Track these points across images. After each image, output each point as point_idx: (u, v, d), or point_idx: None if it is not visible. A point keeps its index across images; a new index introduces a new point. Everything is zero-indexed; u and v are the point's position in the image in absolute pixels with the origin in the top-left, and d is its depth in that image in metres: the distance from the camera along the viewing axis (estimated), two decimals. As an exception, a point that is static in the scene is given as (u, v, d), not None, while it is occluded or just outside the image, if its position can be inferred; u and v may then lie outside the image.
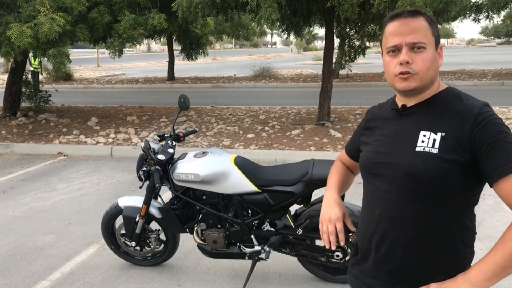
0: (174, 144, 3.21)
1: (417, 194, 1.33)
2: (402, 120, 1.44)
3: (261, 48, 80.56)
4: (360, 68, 19.91)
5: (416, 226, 1.35)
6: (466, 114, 1.31)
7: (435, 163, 1.29)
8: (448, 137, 1.31)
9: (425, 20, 1.35)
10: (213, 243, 3.14)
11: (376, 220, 1.43)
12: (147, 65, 36.95)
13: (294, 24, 9.06)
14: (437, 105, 1.39)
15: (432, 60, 1.35)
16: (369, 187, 1.50)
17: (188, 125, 9.09)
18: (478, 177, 1.31)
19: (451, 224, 1.34)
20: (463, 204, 1.35)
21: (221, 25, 18.16)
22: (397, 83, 1.37)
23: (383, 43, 1.42)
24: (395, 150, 1.40)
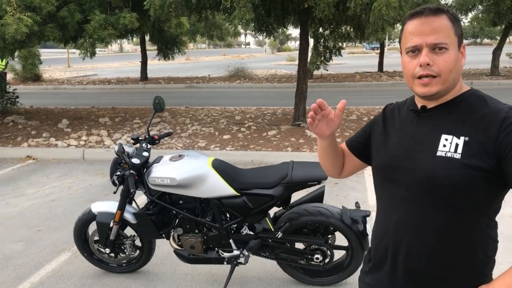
0: (149, 147, 3.12)
1: (437, 201, 1.26)
2: (421, 122, 1.35)
3: (235, 48, 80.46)
4: (333, 68, 20.07)
5: (435, 235, 1.28)
6: (492, 118, 1.23)
7: (457, 169, 1.21)
8: (472, 142, 1.23)
9: (447, 19, 1.26)
10: (190, 249, 3.06)
11: (393, 228, 1.36)
12: (120, 66, 36.30)
13: (268, 24, 9.02)
14: (460, 107, 1.30)
15: (455, 61, 1.26)
16: (384, 192, 1.42)
17: (162, 127, 8.94)
18: (502, 184, 1.24)
19: (472, 233, 1.27)
20: (485, 212, 1.28)
21: (195, 25, 18.00)
22: (417, 87, 1.29)
23: (403, 42, 1.32)
24: (414, 154, 1.31)
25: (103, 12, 7.98)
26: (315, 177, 2.82)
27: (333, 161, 1.63)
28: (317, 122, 1.45)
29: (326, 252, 3.03)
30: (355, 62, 31.46)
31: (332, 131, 1.48)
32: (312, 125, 1.46)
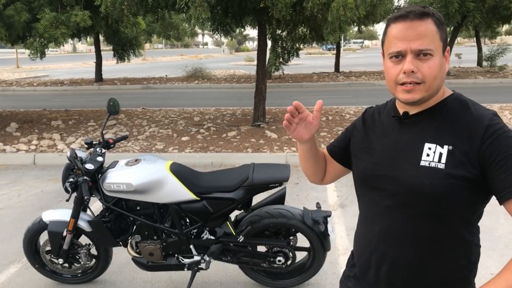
0: (104, 151, 2.99)
1: (421, 212, 1.23)
2: (404, 129, 1.31)
3: (192, 48, 79.74)
4: (291, 69, 20.24)
5: (420, 245, 1.26)
6: (475, 125, 1.20)
7: (441, 179, 1.19)
8: (456, 151, 1.20)
9: (433, 23, 1.21)
10: (149, 256, 2.96)
11: (377, 238, 1.33)
12: (73, 66, 35.16)
13: (225, 24, 8.95)
14: (443, 114, 1.27)
15: (440, 67, 1.22)
16: (367, 200, 1.39)
17: (118, 129, 8.68)
18: (485, 192, 1.22)
19: (456, 242, 1.26)
20: (469, 220, 1.26)
21: (151, 25, 17.65)
22: (400, 93, 1.25)
23: (386, 46, 1.27)
24: (397, 163, 1.28)
25: (54, 10, 7.66)
26: (277, 179, 2.79)
27: (314, 167, 1.58)
28: (295, 126, 1.39)
29: (288, 254, 3.01)
30: (312, 63, 31.91)
31: (311, 134, 1.42)
32: (289, 129, 1.39)
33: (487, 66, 19.66)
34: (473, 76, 17.06)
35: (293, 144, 7.13)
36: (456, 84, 15.62)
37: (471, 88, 14.63)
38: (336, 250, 3.70)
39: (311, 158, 1.54)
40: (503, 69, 18.43)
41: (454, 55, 19.44)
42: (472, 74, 17.98)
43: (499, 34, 30.29)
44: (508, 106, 10.14)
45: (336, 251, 3.69)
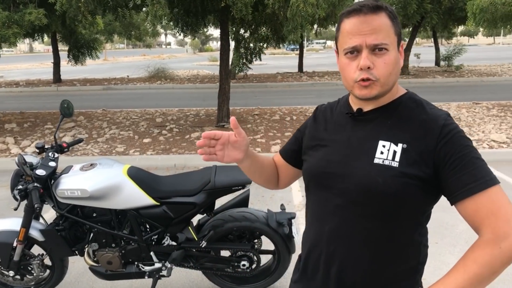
0: (57, 156, 2.82)
1: (372, 211, 1.20)
2: (357, 126, 1.28)
3: (155, 48, 78.55)
4: (255, 69, 20.24)
5: (370, 245, 1.22)
6: (430, 125, 1.18)
7: (395, 178, 1.16)
8: (410, 150, 1.17)
9: (387, 17, 1.19)
10: (107, 264, 2.82)
11: (326, 238, 1.28)
12: (30, 67, 33.97)
13: (187, 24, 8.81)
14: (398, 112, 1.24)
15: (395, 62, 1.20)
16: (316, 199, 1.33)
17: (77, 132, 8.38)
18: (436, 193, 1.20)
19: (406, 243, 1.23)
20: (419, 221, 1.24)
21: (111, 24, 17.21)
22: (356, 90, 1.21)
23: (340, 42, 1.24)
24: (350, 160, 1.24)
25: (6, 9, 7.30)
26: (239, 182, 2.71)
27: (264, 176, 1.52)
28: (221, 153, 1.29)
29: (252, 258, 2.94)
30: (276, 63, 32.03)
31: (244, 151, 1.33)
32: (215, 159, 1.29)
33: (445, 65, 20.31)
34: (431, 76, 17.56)
35: (258, 145, 7.08)
36: (415, 83, 16.03)
37: (430, 87, 15.05)
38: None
39: (256, 170, 1.47)
40: (460, 69, 19.07)
41: (413, 55, 19.95)
42: (431, 73, 18.51)
43: (455, 35, 31.39)
44: (464, 105, 10.46)
45: (301, 253, 3.65)
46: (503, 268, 1.10)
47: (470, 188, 1.12)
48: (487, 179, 1.12)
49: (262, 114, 9.88)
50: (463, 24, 20.22)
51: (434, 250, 3.63)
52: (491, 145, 6.75)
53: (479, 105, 10.35)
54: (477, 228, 1.14)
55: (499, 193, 1.12)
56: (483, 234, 1.12)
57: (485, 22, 11.67)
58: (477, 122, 8.41)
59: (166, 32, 65.01)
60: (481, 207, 1.11)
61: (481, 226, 1.12)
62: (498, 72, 18.78)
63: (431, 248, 3.64)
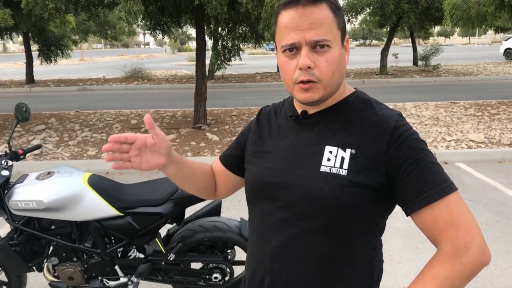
0: (11, 164, 2.60)
1: (320, 225, 1.06)
2: (302, 130, 1.15)
3: (133, 48, 77.60)
4: (234, 69, 20.04)
5: (319, 263, 1.08)
6: (380, 127, 1.06)
7: (343, 187, 1.03)
8: (359, 155, 1.05)
9: (328, 8, 1.05)
10: (68, 280, 2.62)
11: (270, 256, 1.14)
12: (3, 67, 33.08)
13: (162, 23, 8.58)
14: (345, 114, 1.12)
15: (338, 61, 1.07)
16: (259, 212, 1.18)
17: (47, 134, 8.06)
18: (390, 203, 1.09)
19: (360, 259, 1.10)
20: (372, 234, 1.12)
21: (85, 23, 16.81)
22: (297, 93, 1.08)
23: (277, 37, 1.10)
24: (294, 168, 1.11)
25: (-31, 7, 6.95)
26: (209, 190, 2.54)
27: (196, 185, 1.34)
28: (137, 159, 1.09)
29: (225, 270, 2.77)
30: (255, 63, 31.89)
31: (166, 155, 1.14)
32: (129, 166, 1.09)
33: (422, 65, 20.48)
34: (409, 75, 17.66)
35: (235, 147, 6.91)
36: (394, 83, 16.09)
37: (408, 86, 15.12)
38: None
39: (186, 178, 1.29)
40: (437, 68, 19.25)
41: (391, 54, 20.07)
42: (409, 73, 18.62)
43: (431, 35, 31.80)
44: (442, 104, 10.49)
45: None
46: (464, 284, 0.99)
47: (427, 196, 1.01)
48: (444, 186, 1.02)
49: (240, 115, 9.72)
50: (439, 24, 20.44)
51: (415, 256, 3.52)
52: (469, 145, 6.72)
53: (457, 104, 10.39)
54: (435, 240, 1.03)
55: (457, 201, 1.02)
56: (442, 247, 1.01)
57: (460, 21, 11.76)
58: (455, 121, 8.41)
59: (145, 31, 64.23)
60: (439, 218, 1.01)
61: (440, 238, 1.02)
62: (474, 71, 19.03)
63: (412, 254, 3.56)
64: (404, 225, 4.03)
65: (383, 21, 17.10)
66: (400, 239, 3.79)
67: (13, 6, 7.16)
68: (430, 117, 8.91)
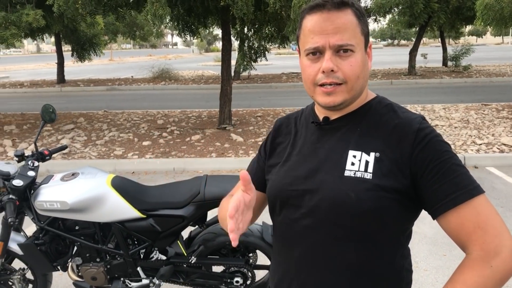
0: (37, 165, 2.64)
1: (346, 231, 1.04)
2: (324, 136, 1.14)
3: (161, 48, 78.65)
4: (260, 69, 20.04)
5: (345, 272, 1.06)
6: (404, 130, 1.05)
7: (369, 191, 1.01)
8: (384, 159, 1.04)
9: (353, 14, 1.05)
10: (92, 280, 2.64)
11: (295, 265, 1.12)
12: (36, 67, 34.04)
13: (189, 24, 8.64)
14: (368, 118, 1.11)
15: (362, 65, 1.06)
16: (282, 220, 1.16)
17: (76, 134, 8.23)
18: (416, 208, 1.06)
19: (386, 267, 1.07)
20: (399, 241, 1.09)
21: (114, 24, 17.11)
22: (319, 96, 1.08)
23: (301, 41, 1.10)
24: (318, 174, 1.09)
25: (3, 9, 7.17)
26: (231, 193, 2.52)
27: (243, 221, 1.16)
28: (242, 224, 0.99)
29: (246, 274, 2.74)
30: (282, 63, 31.81)
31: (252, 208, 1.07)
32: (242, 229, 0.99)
33: (452, 66, 19.99)
34: (438, 76, 17.27)
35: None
36: (422, 84, 15.76)
37: (437, 87, 14.78)
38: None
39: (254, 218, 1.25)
40: (468, 69, 18.76)
41: (420, 55, 19.67)
42: (438, 74, 18.21)
43: (462, 34, 31.01)
44: (473, 106, 10.20)
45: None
46: None
47: (452, 198, 0.99)
48: (471, 188, 0.99)
49: (265, 116, 9.69)
50: (471, 23, 19.90)
51: (442, 263, 3.42)
52: (501, 148, 6.50)
53: (488, 106, 10.08)
54: (463, 244, 1.01)
55: (485, 203, 1.00)
56: (471, 251, 0.98)
57: (493, 21, 11.39)
58: (486, 124, 8.15)
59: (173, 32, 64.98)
60: (466, 220, 0.98)
61: (468, 242, 0.99)
62: (508, 72, 18.44)
63: (439, 261, 3.45)
64: (431, 231, 3.92)
65: (412, 21, 16.76)
66: (427, 246, 3.69)
67: (44, 7, 7.35)
68: (459, 119, 8.67)
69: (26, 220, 2.85)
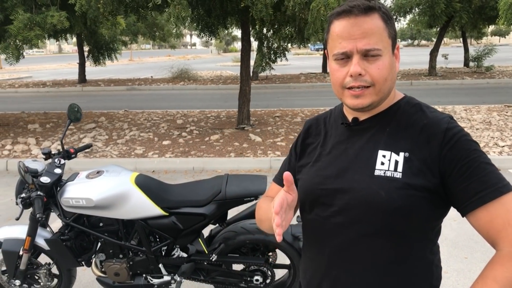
0: (63, 162, 2.71)
1: (377, 229, 1.07)
2: (354, 136, 1.17)
3: (180, 49, 79.24)
4: (278, 69, 20.06)
5: (376, 268, 1.09)
6: (433, 129, 1.07)
7: (399, 190, 1.04)
8: (413, 158, 1.06)
9: (380, 18, 1.07)
10: (114, 276, 2.70)
11: (326, 262, 1.15)
12: (58, 67, 34.66)
13: (209, 25, 8.70)
14: (397, 118, 1.13)
15: (389, 68, 1.08)
16: (313, 219, 1.19)
17: (97, 133, 8.37)
18: (445, 205, 1.09)
19: (417, 263, 1.10)
20: (428, 237, 1.11)
21: (135, 25, 17.32)
22: (348, 99, 1.11)
23: (330, 45, 1.12)
24: (348, 173, 1.12)
25: (28, 10, 7.33)
26: (252, 192, 2.55)
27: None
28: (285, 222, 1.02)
29: (266, 273, 2.77)
30: (300, 63, 31.75)
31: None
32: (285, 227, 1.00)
33: (474, 66, 19.67)
34: (460, 77, 17.01)
35: (278, 148, 6.90)
36: (443, 85, 15.55)
37: (458, 88, 14.57)
38: (319, 264, 3.47)
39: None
40: (490, 70, 18.43)
41: (441, 55, 19.41)
42: (459, 74, 17.94)
43: (485, 34, 30.45)
44: (495, 107, 10.03)
45: (320, 265, 3.46)
46: None
47: (482, 196, 1.01)
48: (500, 186, 1.01)
49: (284, 116, 9.70)
50: (493, 23, 19.53)
51: (464, 266, 3.39)
52: (524, 151, 6.39)
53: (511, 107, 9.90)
54: (494, 241, 1.03)
55: None
56: (501, 248, 1.00)
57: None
58: (509, 126, 8.01)
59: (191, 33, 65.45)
60: (496, 217, 1.00)
61: (498, 239, 1.01)
62: (531, 73, 18.06)
63: (460, 264, 3.42)
64: (452, 233, 3.89)
65: (432, 21, 16.53)
66: (448, 248, 3.66)
67: (68, 8, 7.49)
68: (481, 121, 8.54)
69: (51, 217, 2.92)
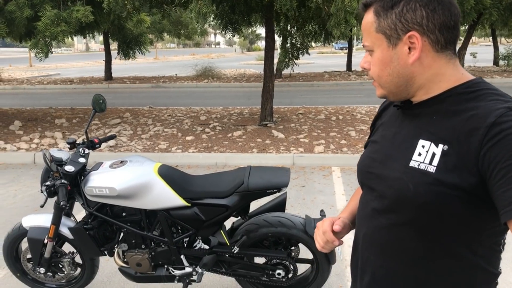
0: (87, 152, 2.73)
1: (405, 219, 1.04)
2: (405, 121, 1.11)
3: (204, 47, 79.75)
4: (302, 67, 19.93)
5: (404, 259, 1.08)
6: (477, 122, 0.93)
7: (428, 186, 0.97)
8: (451, 152, 0.96)
9: (372, 13, 1.06)
10: (137, 266, 2.71)
11: (361, 243, 1.19)
12: (85, 65, 35.28)
13: (233, 22, 8.69)
14: (446, 105, 1.01)
15: (381, 63, 1.06)
16: (361, 199, 1.23)
17: (122, 128, 8.47)
18: (489, 207, 0.94)
19: (451, 262, 1.02)
20: (473, 238, 1.00)
21: (161, 23, 17.48)
22: None
23: None
24: (389, 160, 1.10)
25: (55, 7, 7.47)
26: (274, 185, 2.51)
27: None
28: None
29: (288, 267, 2.73)
30: (324, 62, 31.50)
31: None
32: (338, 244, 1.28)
33: (504, 65, 19.12)
34: (489, 76, 16.57)
35: (300, 145, 6.84)
36: (472, 84, 15.15)
37: (487, 87, 14.16)
38: (343, 261, 3.41)
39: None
40: (521, 68, 17.90)
41: (469, 54, 18.94)
42: (488, 73, 17.48)
43: (516, 32, 29.52)
44: (527, 106, 9.70)
45: (344, 262, 3.40)
46: None
47: None
48: None
49: (307, 113, 9.62)
50: (526, 21, 18.94)
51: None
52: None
53: (544, 107, 9.56)
54: None
55: None
56: None
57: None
58: (541, 125, 7.74)
59: (216, 31, 65.74)
60: None
61: None
62: None
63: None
64: None
65: (461, 19, 16.13)
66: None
67: (94, 5, 7.60)
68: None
69: (75, 208, 2.94)
